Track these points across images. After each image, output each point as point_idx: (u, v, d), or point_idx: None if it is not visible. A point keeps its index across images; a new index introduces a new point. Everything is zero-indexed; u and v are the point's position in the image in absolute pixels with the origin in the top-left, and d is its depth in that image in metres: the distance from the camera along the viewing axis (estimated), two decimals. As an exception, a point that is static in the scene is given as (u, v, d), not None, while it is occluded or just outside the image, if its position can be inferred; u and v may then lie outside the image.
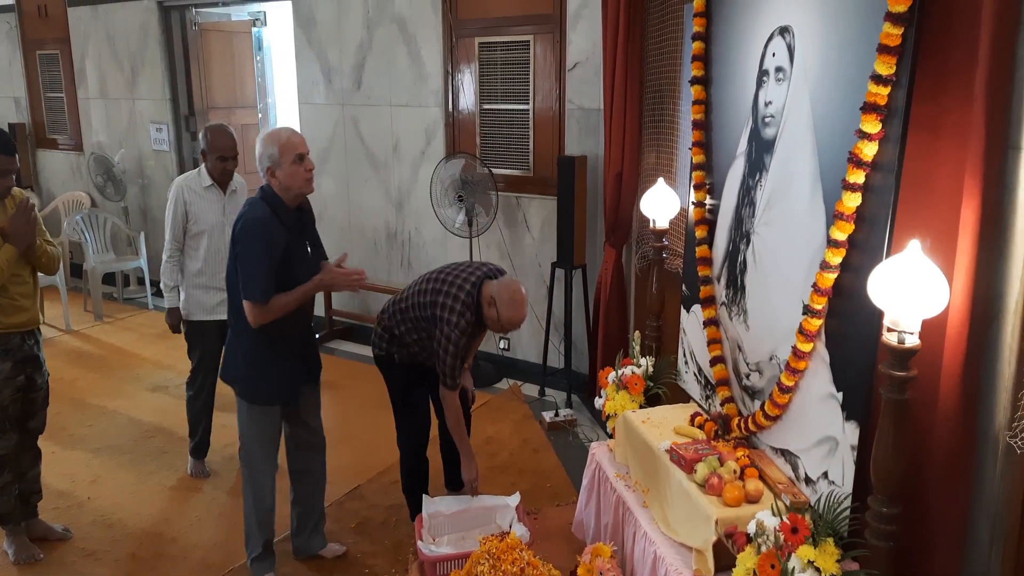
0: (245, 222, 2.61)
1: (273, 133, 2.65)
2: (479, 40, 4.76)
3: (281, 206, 2.65)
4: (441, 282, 2.89)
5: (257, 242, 2.57)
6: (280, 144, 2.61)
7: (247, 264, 2.59)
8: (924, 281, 1.61)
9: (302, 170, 2.63)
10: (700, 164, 2.80)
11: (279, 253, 2.60)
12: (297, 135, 2.68)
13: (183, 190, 3.45)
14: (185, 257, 3.50)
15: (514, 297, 2.81)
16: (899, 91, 1.79)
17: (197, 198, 3.46)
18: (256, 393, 2.77)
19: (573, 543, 3.02)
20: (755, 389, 2.46)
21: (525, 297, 2.85)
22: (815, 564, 1.83)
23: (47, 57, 7.25)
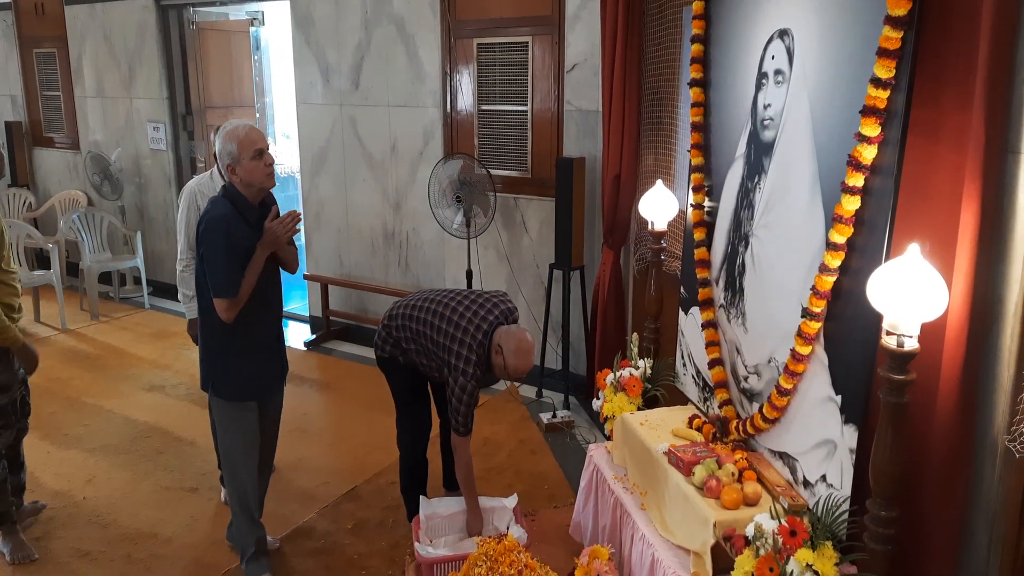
0: (207, 221, 2.63)
1: (232, 130, 2.64)
2: (477, 41, 4.76)
3: (243, 202, 2.65)
4: (456, 323, 2.84)
5: (220, 240, 2.59)
6: (239, 141, 2.60)
7: (213, 263, 2.61)
8: (923, 284, 1.61)
9: (262, 165, 2.63)
10: (699, 166, 2.80)
11: (243, 249, 2.62)
12: (256, 131, 2.67)
13: (196, 195, 3.31)
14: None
15: (520, 346, 2.80)
16: (898, 94, 1.79)
17: None
18: (234, 390, 2.77)
19: (571, 545, 3.01)
20: (753, 392, 2.46)
21: (532, 345, 2.86)
22: (813, 567, 1.82)
23: (44, 55, 7.23)
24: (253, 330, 2.74)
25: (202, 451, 3.92)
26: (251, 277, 2.64)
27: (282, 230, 2.69)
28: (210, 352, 2.79)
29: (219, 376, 2.78)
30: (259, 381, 2.82)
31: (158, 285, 6.67)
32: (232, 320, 2.64)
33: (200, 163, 6.48)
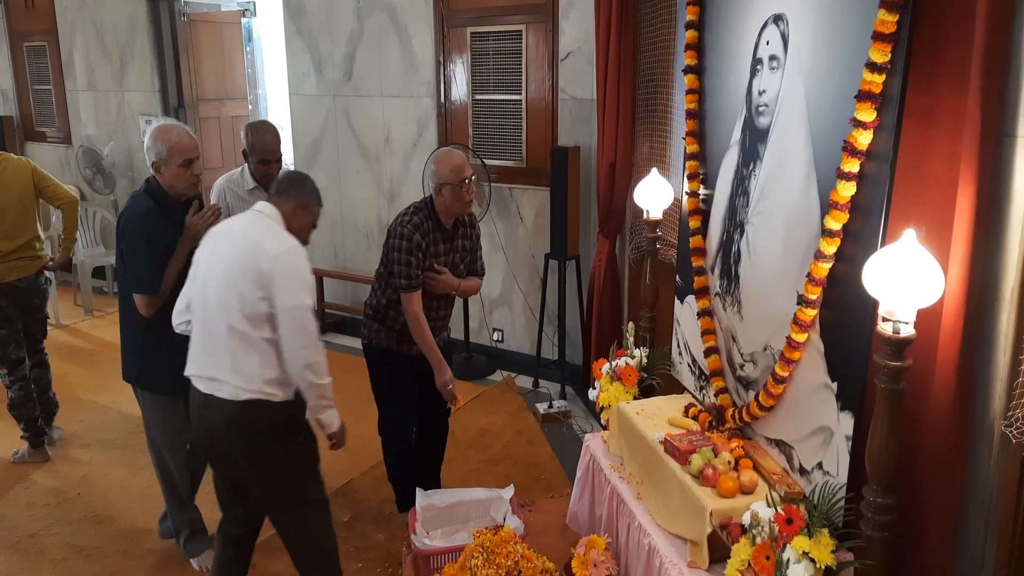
0: (127, 216, 2.64)
1: (164, 130, 2.61)
2: (471, 30, 4.72)
3: (166, 200, 2.65)
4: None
5: (139, 236, 2.59)
6: (169, 145, 2.59)
7: (132, 259, 2.62)
8: (919, 270, 1.60)
9: (188, 175, 2.63)
10: (694, 154, 2.78)
11: (163, 246, 2.62)
12: (188, 138, 2.63)
13: (225, 192, 3.23)
14: None
15: (438, 157, 2.85)
16: (894, 79, 1.77)
17: (239, 201, 3.20)
18: (156, 382, 2.76)
19: (567, 535, 3.01)
20: (749, 379, 2.45)
21: (447, 149, 2.83)
22: (810, 555, 1.82)
23: (34, 49, 7.17)
24: None
25: (198, 445, 3.91)
26: (172, 272, 2.63)
27: (203, 225, 2.65)
28: (132, 344, 2.79)
29: (143, 369, 2.78)
30: (183, 375, 2.69)
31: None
32: (153, 316, 2.63)
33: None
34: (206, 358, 2.25)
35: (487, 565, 2.43)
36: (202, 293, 2.26)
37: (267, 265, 2.15)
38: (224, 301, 2.19)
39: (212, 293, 2.22)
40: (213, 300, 2.21)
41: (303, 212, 2.39)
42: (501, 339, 5.04)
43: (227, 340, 2.18)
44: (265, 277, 2.15)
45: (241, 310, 2.16)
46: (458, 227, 2.96)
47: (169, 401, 2.78)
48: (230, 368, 2.19)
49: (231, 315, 2.17)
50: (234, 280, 2.17)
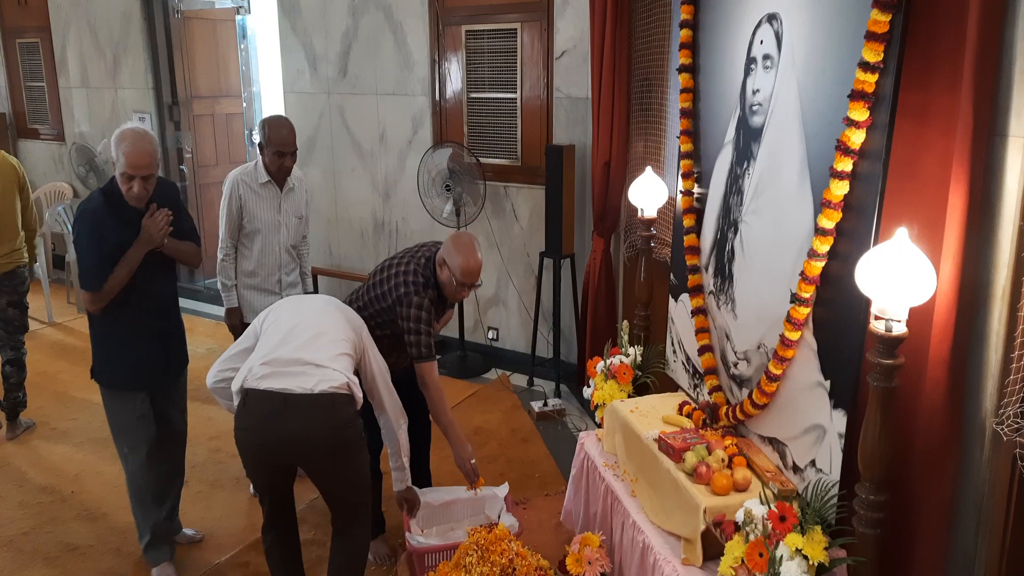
0: (78, 213, 2.63)
1: (120, 136, 2.57)
2: (466, 28, 4.72)
3: (120, 199, 2.60)
4: (391, 270, 2.77)
5: (85, 232, 2.58)
6: (123, 153, 2.55)
7: (80, 254, 2.62)
8: (911, 269, 1.61)
9: (129, 188, 2.58)
10: (688, 153, 2.79)
11: (112, 244, 2.57)
12: (138, 152, 2.55)
13: (238, 184, 3.27)
14: (238, 255, 3.36)
15: (458, 242, 2.68)
16: (887, 78, 1.78)
17: (252, 194, 3.29)
18: (113, 378, 2.74)
19: (562, 533, 3.02)
20: (743, 378, 2.46)
21: (471, 241, 2.72)
22: (803, 552, 1.83)
23: (27, 45, 7.14)
24: (136, 320, 2.70)
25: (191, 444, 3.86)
26: (121, 272, 2.59)
27: (156, 230, 2.63)
28: (93, 338, 2.77)
29: (99, 363, 2.75)
30: (141, 372, 2.75)
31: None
32: (99, 312, 2.63)
33: (188, 154, 6.42)
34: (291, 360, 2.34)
35: (482, 563, 2.43)
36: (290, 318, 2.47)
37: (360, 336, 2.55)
38: (325, 319, 2.48)
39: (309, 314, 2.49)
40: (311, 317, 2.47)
41: None
42: (496, 337, 5.04)
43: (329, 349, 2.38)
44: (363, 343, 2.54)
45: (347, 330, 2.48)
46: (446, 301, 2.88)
47: (126, 397, 2.75)
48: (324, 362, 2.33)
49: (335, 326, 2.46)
50: (336, 318, 2.50)
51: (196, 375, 4.71)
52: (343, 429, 2.32)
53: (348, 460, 2.38)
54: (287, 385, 2.26)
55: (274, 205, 3.33)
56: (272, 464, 2.38)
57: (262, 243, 3.33)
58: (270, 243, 3.35)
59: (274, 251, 3.37)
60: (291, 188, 3.38)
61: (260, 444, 2.31)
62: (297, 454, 2.35)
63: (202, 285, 6.60)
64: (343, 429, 2.32)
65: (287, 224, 3.37)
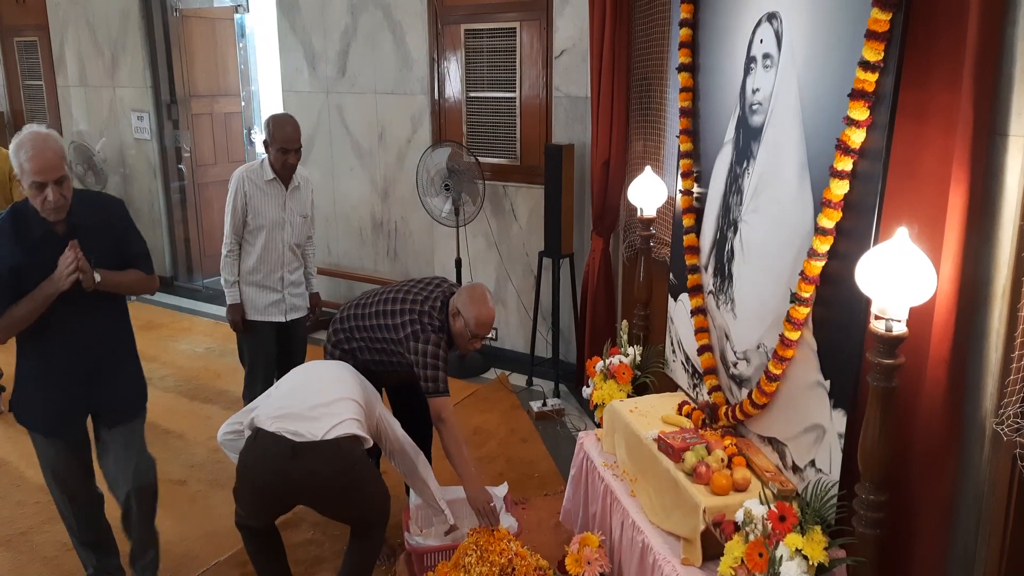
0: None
1: (18, 144, 2.21)
2: (465, 27, 4.71)
3: (26, 221, 2.26)
4: (405, 304, 2.74)
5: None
6: (25, 161, 2.18)
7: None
8: (912, 268, 1.61)
9: (39, 199, 2.21)
10: (687, 152, 2.78)
11: (5, 270, 2.23)
12: (40, 158, 2.18)
13: (244, 181, 3.28)
14: (242, 252, 3.37)
15: (473, 294, 2.69)
16: (887, 77, 1.78)
17: (258, 191, 3.30)
18: (25, 418, 2.43)
19: (561, 533, 3.02)
20: (742, 377, 2.45)
21: (485, 291, 2.73)
22: (803, 552, 1.83)
23: (25, 44, 7.13)
24: (52, 356, 2.37)
25: (190, 444, 3.90)
26: (23, 309, 2.24)
27: (60, 278, 2.24)
28: (16, 368, 2.44)
29: (17, 397, 2.44)
30: (53, 416, 2.41)
31: (145, 276, 6.62)
32: (3, 342, 2.31)
33: (186, 153, 6.41)
34: (302, 409, 2.40)
35: (481, 563, 2.43)
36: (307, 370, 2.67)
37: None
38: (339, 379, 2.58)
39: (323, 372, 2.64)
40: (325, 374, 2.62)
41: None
42: (495, 337, 5.04)
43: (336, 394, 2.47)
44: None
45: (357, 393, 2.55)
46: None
47: (46, 441, 2.45)
48: (333, 408, 2.42)
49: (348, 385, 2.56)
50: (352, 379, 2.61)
51: (194, 374, 4.73)
52: (351, 469, 2.40)
53: (359, 494, 2.45)
54: (297, 430, 2.32)
55: (279, 203, 3.35)
56: (272, 499, 2.43)
57: (265, 240, 3.34)
58: (274, 240, 3.36)
59: (277, 248, 3.38)
60: (297, 186, 3.39)
61: (265, 484, 2.38)
62: (305, 497, 2.43)
63: (200, 284, 6.60)
64: (351, 469, 2.40)
65: (291, 222, 3.39)
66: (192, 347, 5.26)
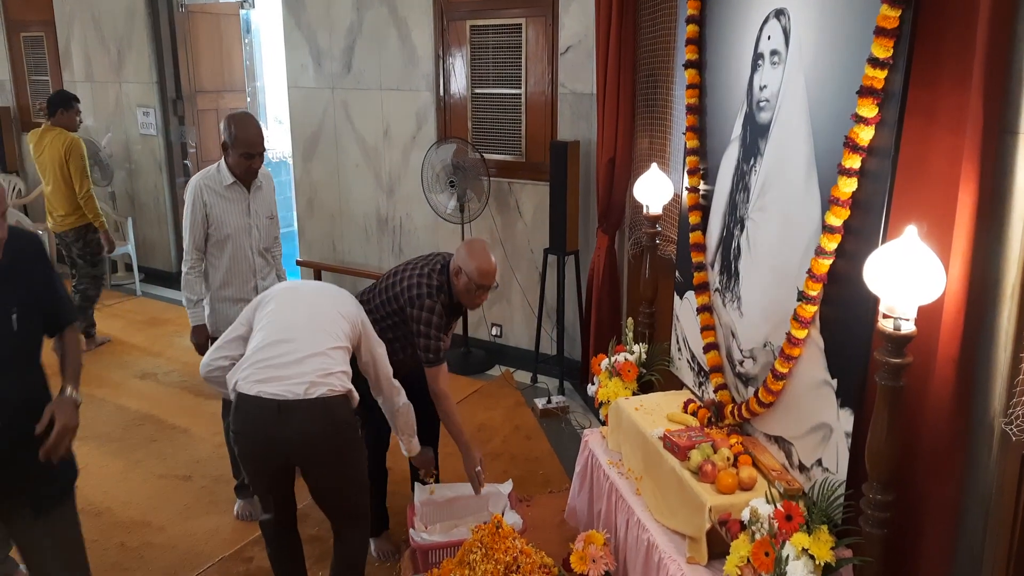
0: None
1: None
2: (470, 23, 4.70)
3: None
4: (405, 273, 2.78)
5: None
6: None
7: None
8: (920, 267, 1.60)
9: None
10: (694, 149, 2.77)
11: None
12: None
13: (202, 190, 3.01)
14: (207, 266, 3.10)
15: (472, 249, 2.71)
16: (896, 74, 1.76)
17: (218, 199, 3.03)
18: None
19: (566, 530, 3.01)
20: (749, 376, 2.45)
21: (484, 244, 2.75)
22: (809, 551, 1.82)
23: (31, 39, 7.13)
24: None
25: (195, 439, 3.91)
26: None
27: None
28: None
29: None
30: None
31: (150, 272, 6.63)
32: None
33: (192, 148, 6.41)
34: (283, 363, 2.30)
35: (486, 560, 2.43)
36: (286, 309, 2.43)
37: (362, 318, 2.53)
38: (324, 311, 2.44)
39: (305, 306, 2.45)
40: (307, 311, 2.43)
41: None
42: (500, 334, 5.03)
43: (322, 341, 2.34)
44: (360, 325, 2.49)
45: (341, 321, 2.42)
46: (461, 306, 2.86)
47: None
48: (317, 362, 2.30)
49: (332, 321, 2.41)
50: (336, 309, 2.45)
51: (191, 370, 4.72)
52: (340, 431, 2.31)
53: (346, 459, 2.37)
54: (279, 391, 2.22)
55: (242, 208, 3.09)
56: (270, 466, 2.36)
57: (232, 250, 3.07)
58: (241, 248, 3.10)
59: (247, 256, 3.12)
60: (259, 187, 3.13)
61: (256, 448, 2.31)
62: (295, 457, 2.33)
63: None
64: (340, 431, 2.31)
65: (258, 226, 3.13)
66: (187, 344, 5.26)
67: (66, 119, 4.91)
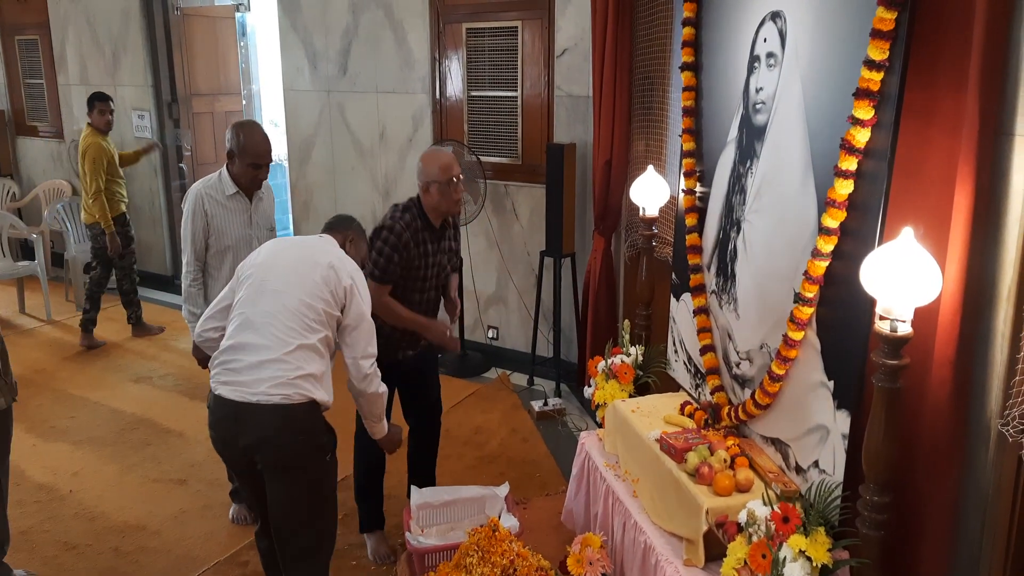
0: None
1: None
2: (466, 26, 4.70)
3: None
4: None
5: None
6: None
7: None
8: (917, 269, 1.60)
9: None
10: (690, 151, 2.78)
11: None
12: None
13: (203, 199, 2.90)
14: (207, 278, 2.98)
15: (424, 157, 2.82)
16: (892, 77, 1.77)
17: (220, 209, 2.92)
18: None
19: (563, 533, 3.01)
20: (745, 378, 2.44)
21: (434, 148, 2.84)
22: (806, 553, 1.82)
23: (26, 42, 7.11)
24: None
25: (190, 443, 3.89)
26: None
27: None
28: None
29: None
30: None
31: (145, 275, 6.60)
32: None
33: (187, 152, 6.40)
34: (246, 365, 2.19)
35: (482, 563, 2.42)
36: (255, 296, 2.26)
37: (347, 281, 2.27)
38: (289, 302, 2.22)
39: (271, 296, 2.24)
40: (272, 303, 2.23)
41: (353, 246, 2.49)
42: (496, 336, 5.03)
43: (285, 340, 2.18)
44: (346, 289, 2.26)
45: (309, 311, 2.22)
46: (445, 227, 2.89)
47: None
48: (285, 369, 2.16)
49: (297, 315, 2.21)
50: (309, 285, 2.24)
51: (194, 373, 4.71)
52: (298, 439, 2.17)
53: (302, 476, 2.20)
54: (236, 396, 2.16)
55: (244, 219, 2.98)
56: (238, 467, 2.32)
57: (233, 261, 2.90)
58: (240, 251, 2.93)
59: None
60: (260, 198, 3.05)
61: (223, 450, 2.29)
62: (258, 462, 2.23)
63: (201, 283, 6.57)
64: (298, 439, 2.17)
65: (259, 237, 2.99)
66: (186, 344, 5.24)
67: (96, 119, 5.12)
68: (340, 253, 2.36)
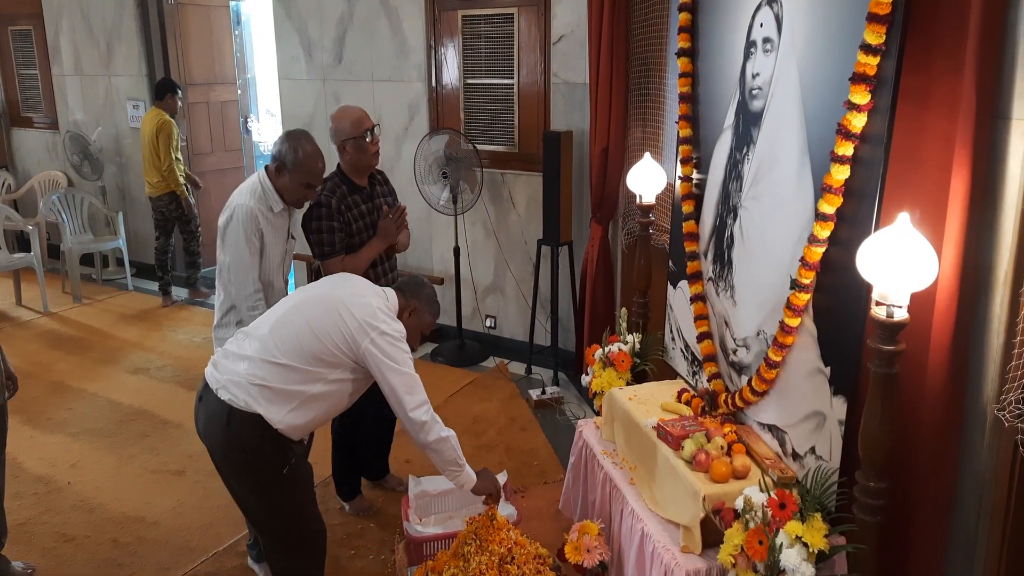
0: None
1: None
2: (462, 13, 4.67)
3: None
4: None
5: None
6: None
7: None
8: (913, 254, 1.59)
9: None
10: (687, 138, 2.76)
11: None
12: None
13: (258, 218, 2.57)
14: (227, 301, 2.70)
15: (334, 117, 2.88)
16: (888, 61, 1.75)
17: (270, 227, 2.63)
18: None
19: (561, 521, 3.01)
20: (742, 365, 2.44)
21: (343, 106, 2.93)
22: (803, 539, 1.82)
23: (20, 33, 7.07)
24: None
25: (188, 434, 3.88)
26: None
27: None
28: None
29: None
30: None
31: (141, 266, 6.59)
32: None
33: (183, 141, 6.36)
34: (238, 356, 2.20)
35: (480, 552, 2.42)
36: (282, 308, 2.29)
37: (366, 343, 2.19)
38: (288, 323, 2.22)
39: (294, 313, 2.24)
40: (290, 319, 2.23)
41: (414, 317, 2.41)
42: (494, 325, 5.03)
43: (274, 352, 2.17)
44: (362, 351, 2.19)
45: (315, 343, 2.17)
46: (375, 184, 2.92)
47: None
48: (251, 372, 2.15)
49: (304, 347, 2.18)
50: (327, 325, 2.19)
51: (192, 364, 4.71)
52: (235, 447, 2.15)
53: (252, 486, 2.21)
54: (210, 376, 2.19)
55: (283, 235, 2.74)
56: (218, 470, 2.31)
57: (267, 278, 2.69)
58: (278, 278, 2.76)
59: (280, 290, 2.78)
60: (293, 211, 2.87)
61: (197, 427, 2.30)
62: (216, 458, 2.25)
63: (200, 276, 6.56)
64: (235, 447, 2.15)
65: (288, 251, 2.81)
66: (190, 337, 5.25)
67: (169, 103, 5.62)
68: (381, 319, 2.22)
